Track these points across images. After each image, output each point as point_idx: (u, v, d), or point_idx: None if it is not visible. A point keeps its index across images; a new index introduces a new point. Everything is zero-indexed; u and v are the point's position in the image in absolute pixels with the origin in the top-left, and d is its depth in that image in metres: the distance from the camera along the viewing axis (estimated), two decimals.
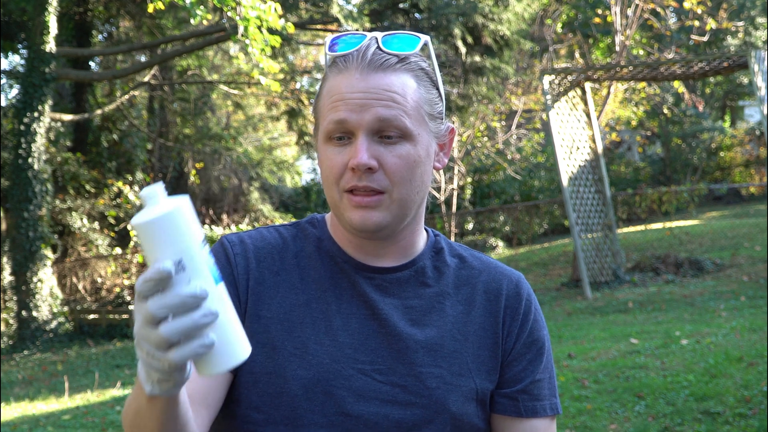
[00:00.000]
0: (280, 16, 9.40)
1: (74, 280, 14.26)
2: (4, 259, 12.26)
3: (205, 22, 12.17)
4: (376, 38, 1.26)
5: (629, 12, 12.96)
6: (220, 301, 0.97)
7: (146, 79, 15.78)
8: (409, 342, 1.27)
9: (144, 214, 0.95)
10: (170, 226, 0.95)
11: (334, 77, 1.25)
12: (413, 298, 1.30)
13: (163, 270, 0.93)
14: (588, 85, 11.72)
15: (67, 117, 14.30)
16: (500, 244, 16.53)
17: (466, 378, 1.27)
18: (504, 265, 1.39)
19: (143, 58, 17.42)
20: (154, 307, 0.93)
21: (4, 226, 12.92)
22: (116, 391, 7.88)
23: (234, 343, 0.98)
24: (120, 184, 15.91)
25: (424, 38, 1.27)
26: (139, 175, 17.04)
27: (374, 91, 1.22)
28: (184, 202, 0.97)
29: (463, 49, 12.68)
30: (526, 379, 1.31)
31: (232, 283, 1.27)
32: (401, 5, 13.03)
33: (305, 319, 1.27)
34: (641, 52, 15.61)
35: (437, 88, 1.29)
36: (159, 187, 0.97)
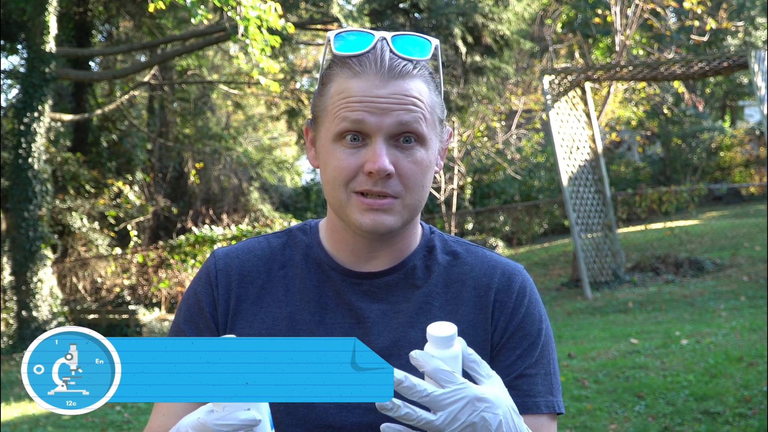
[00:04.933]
0: (280, 16, 9.39)
1: (74, 280, 14.25)
2: (4, 259, 12.25)
3: (205, 22, 12.17)
4: (386, 39, 1.22)
5: (629, 12, 12.95)
6: None
7: (146, 79, 15.77)
8: (392, 350, 1.25)
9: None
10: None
11: (348, 80, 1.21)
12: (402, 301, 1.28)
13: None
14: (588, 85, 11.72)
15: (67, 117, 14.29)
16: (500, 244, 16.53)
17: None
18: (501, 258, 1.34)
19: (143, 58, 17.40)
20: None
21: (4, 226, 12.91)
22: None
23: None
24: (120, 184, 15.91)
25: (435, 42, 1.25)
26: (139, 175, 17.04)
27: (396, 97, 1.20)
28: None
29: (463, 49, 12.68)
30: (512, 374, 1.25)
31: (211, 303, 1.29)
32: (401, 5, 13.03)
33: (288, 332, 1.26)
34: (641, 52, 15.60)
35: (440, 92, 1.28)
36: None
